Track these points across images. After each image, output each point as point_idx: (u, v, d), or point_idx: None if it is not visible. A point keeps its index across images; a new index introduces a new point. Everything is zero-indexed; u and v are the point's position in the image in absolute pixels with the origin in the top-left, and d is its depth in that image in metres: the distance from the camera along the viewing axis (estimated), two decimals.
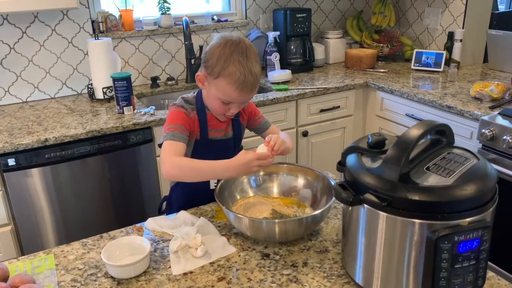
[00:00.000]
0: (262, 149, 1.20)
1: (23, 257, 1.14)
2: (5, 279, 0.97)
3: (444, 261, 0.82)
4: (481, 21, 2.81)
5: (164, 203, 1.51)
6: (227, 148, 1.42)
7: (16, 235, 1.97)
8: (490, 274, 0.99)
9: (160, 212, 1.50)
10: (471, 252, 0.83)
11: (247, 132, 1.53)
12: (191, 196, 1.41)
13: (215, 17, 2.82)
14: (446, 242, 0.80)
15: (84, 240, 1.20)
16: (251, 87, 1.25)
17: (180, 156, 1.25)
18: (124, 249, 1.09)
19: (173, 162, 1.22)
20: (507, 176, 1.83)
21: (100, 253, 1.07)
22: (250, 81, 1.23)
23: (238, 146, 1.47)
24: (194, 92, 1.39)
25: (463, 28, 2.75)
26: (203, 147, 1.36)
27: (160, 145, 1.30)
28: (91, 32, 2.43)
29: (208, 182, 1.40)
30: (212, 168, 1.20)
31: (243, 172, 1.22)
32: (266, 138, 1.23)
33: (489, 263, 0.88)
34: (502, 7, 4.40)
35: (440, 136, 0.98)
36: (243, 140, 1.51)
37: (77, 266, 1.09)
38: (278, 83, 2.54)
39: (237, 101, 1.28)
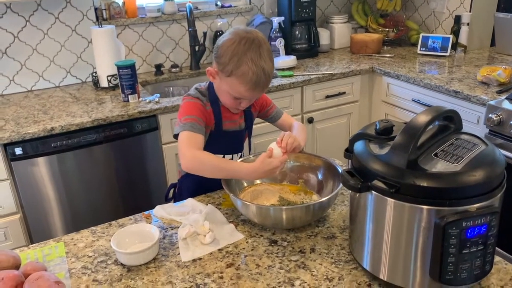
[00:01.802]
0: (277, 150, 1.21)
1: (33, 245, 1.15)
2: (17, 266, 0.98)
3: (452, 246, 0.82)
4: (488, 4, 2.76)
5: (171, 191, 1.51)
6: (240, 139, 1.42)
7: (24, 224, 1.99)
8: (497, 259, 0.99)
9: (166, 200, 1.51)
10: (479, 237, 0.83)
11: (255, 120, 1.52)
12: (202, 186, 1.40)
13: (218, 3, 2.79)
14: (454, 228, 0.81)
15: (93, 228, 1.21)
16: (263, 86, 1.24)
17: (199, 149, 1.24)
18: (133, 236, 1.10)
19: (195, 156, 1.21)
20: None
21: (110, 240, 1.08)
22: (263, 81, 1.22)
23: (249, 136, 1.47)
24: (206, 83, 1.38)
25: (470, 11, 2.71)
26: (217, 138, 1.35)
27: (175, 136, 1.28)
28: (95, 19, 2.41)
29: None
30: (235, 170, 1.22)
31: (262, 175, 1.24)
32: (278, 138, 1.23)
33: (496, 248, 0.88)
34: None
35: (448, 122, 0.97)
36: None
37: (87, 253, 1.11)
38: (283, 69, 2.52)
39: (248, 98, 1.28)
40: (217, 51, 1.25)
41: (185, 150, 1.22)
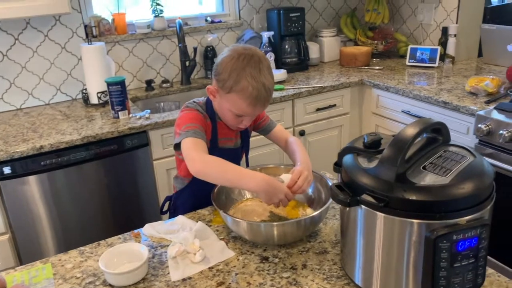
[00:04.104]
0: (287, 179, 1.18)
1: (20, 267, 1.13)
2: None
3: (443, 260, 0.82)
4: (474, 15, 2.81)
5: (167, 204, 1.49)
6: (237, 156, 1.41)
7: (13, 244, 1.96)
8: (489, 271, 0.99)
9: (162, 213, 1.49)
10: (470, 250, 0.82)
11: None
12: (197, 202, 1.38)
13: (208, 18, 2.81)
14: (444, 242, 0.80)
15: (82, 248, 1.19)
16: (264, 101, 1.22)
17: (206, 153, 1.20)
18: (122, 256, 1.09)
19: (204, 158, 1.17)
20: (505, 170, 1.83)
21: (98, 261, 1.06)
22: (263, 96, 1.20)
23: (246, 154, 1.46)
24: (204, 98, 1.36)
25: (457, 23, 2.75)
26: (212, 155, 1.34)
27: (176, 146, 1.25)
28: (84, 36, 2.41)
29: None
30: (240, 173, 1.16)
31: (267, 193, 1.13)
32: (293, 175, 1.19)
33: (488, 257, 0.88)
34: (495, 1, 4.40)
35: (436, 134, 0.97)
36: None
37: (75, 274, 1.08)
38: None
39: (250, 114, 1.27)
40: (216, 68, 1.24)
41: (194, 154, 1.18)
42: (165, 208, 1.49)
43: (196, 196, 1.40)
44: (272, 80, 1.24)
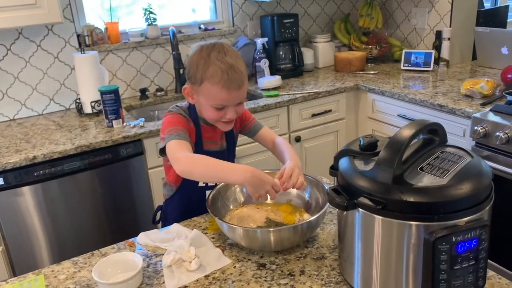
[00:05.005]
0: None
1: (12, 279, 1.10)
2: None
3: (443, 262, 0.80)
4: (467, 19, 2.82)
5: (158, 213, 1.48)
6: (222, 159, 1.39)
7: (7, 256, 1.92)
8: (490, 273, 0.97)
9: (154, 222, 1.47)
10: (470, 252, 0.81)
11: (239, 141, 1.50)
12: (187, 209, 1.37)
13: (202, 26, 2.81)
14: (444, 244, 0.79)
15: (75, 258, 1.17)
16: (238, 83, 1.20)
17: (191, 152, 1.20)
18: (115, 266, 1.06)
19: (188, 156, 1.17)
20: (502, 172, 1.82)
21: (92, 271, 1.04)
22: (234, 77, 1.19)
23: (232, 157, 1.45)
24: (186, 102, 1.36)
25: (450, 26, 2.76)
26: None
27: (161, 151, 1.25)
28: (77, 46, 2.40)
29: (204, 194, 1.37)
30: (224, 166, 1.14)
31: (253, 185, 1.10)
32: (279, 172, 1.18)
33: (488, 261, 0.86)
34: (488, 5, 4.43)
35: (433, 135, 0.96)
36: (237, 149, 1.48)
37: (68, 286, 1.06)
38: (268, 89, 2.52)
39: (228, 102, 1.23)
40: (186, 68, 1.26)
41: (178, 154, 1.18)
42: (158, 217, 1.47)
43: (185, 202, 1.38)
44: (241, 62, 1.23)
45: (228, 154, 1.41)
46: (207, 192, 1.35)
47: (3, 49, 2.24)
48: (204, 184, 1.36)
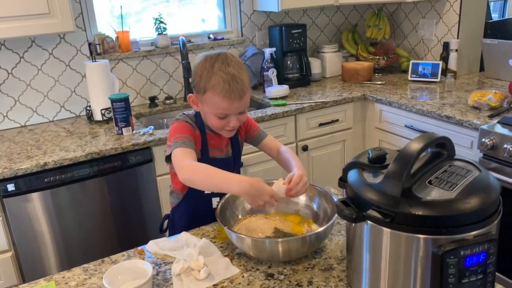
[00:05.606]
0: (277, 186, 1.17)
1: (23, 285, 1.12)
2: None
3: (451, 276, 0.81)
4: (475, 30, 2.83)
5: (165, 222, 1.49)
6: (228, 166, 1.40)
7: (16, 261, 1.94)
8: (498, 287, 0.97)
9: (161, 231, 1.49)
10: (478, 266, 0.81)
11: (245, 149, 1.52)
12: (194, 217, 1.39)
13: (211, 36, 2.84)
14: (452, 257, 0.79)
15: (86, 265, 1.18)
16: (239, 93, 1.22)
17: (195, 160, 1.23)
18: (126, 273, 1.08)
19: (191, 164, 1.19)
20: (510, 184, 1.82)
21: (102, 278, 1.05)
22: (236, 87, 1.21)
23: (237, 164, 1.46)
24: (194, 110, 1.39)
25: (458, 38, 2.77)
26: None
27: (167, 159, 1.28)
28: (88, 54, 2.44)
29: (210, 202, 1.38)
30: (225, 177, 1.15)
31: (250, 195, 1.12)
32: (287, 177, 1.19)
33: (496, 273, 0.87)
34: (495, 16, 4.43)
35: (441, 149, 0.97)
36: (242, 157, 1.50)
37: None
38: (276, 99, 2.54)
39: (230, 111, 1.26)
40: (191, 78, 1.29)
41: (182, 162, 1.20)
42: (165, 226, 1.49)
43: (191, 210, 1.40)
44: (244, 73, 1.25)
45: (233, 161, 1.43)
46: (214, 200, 1.37)
47: (16, 57, 2.29)
48: (210, 192, 1.37)
